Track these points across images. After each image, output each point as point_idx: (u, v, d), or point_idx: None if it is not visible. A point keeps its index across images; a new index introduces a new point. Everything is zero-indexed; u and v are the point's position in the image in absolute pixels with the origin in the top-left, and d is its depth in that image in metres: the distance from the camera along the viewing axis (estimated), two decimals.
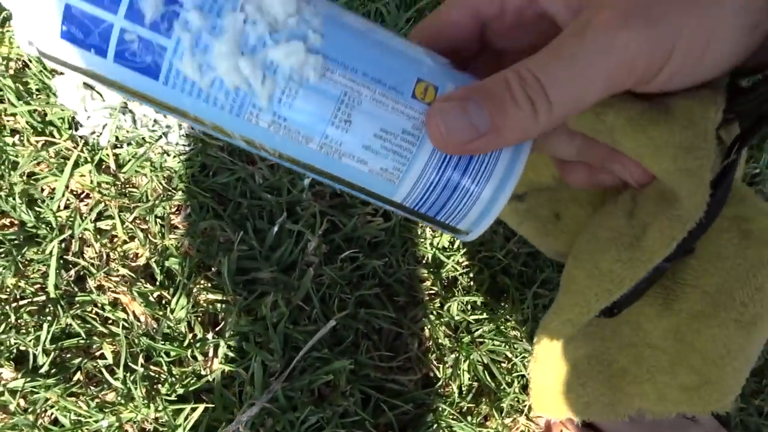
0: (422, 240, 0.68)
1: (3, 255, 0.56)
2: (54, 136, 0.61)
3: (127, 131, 0.62)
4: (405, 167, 0.29)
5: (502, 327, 0.68)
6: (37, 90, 0.61)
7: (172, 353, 0.56)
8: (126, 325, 0.57)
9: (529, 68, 0.22)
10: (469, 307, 0.68)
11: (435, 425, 0.61)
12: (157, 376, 0.55)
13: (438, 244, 0.69)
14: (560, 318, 0.36)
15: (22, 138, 0.60)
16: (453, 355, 0.65)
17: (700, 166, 0.27)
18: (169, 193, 0.61)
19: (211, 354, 0.56)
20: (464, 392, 0.65)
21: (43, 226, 0.57)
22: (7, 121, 0.61)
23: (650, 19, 0.21)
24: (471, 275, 0.69)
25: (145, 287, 0.58)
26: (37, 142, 0.60)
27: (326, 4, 0.27)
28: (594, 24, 0.21)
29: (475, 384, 0.65)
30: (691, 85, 0.25)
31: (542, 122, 0.22)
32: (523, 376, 0.67)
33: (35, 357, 0.54)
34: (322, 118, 0.27)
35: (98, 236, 0.59)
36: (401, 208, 0.29)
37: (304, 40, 0.26)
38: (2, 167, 0.58)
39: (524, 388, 0.67)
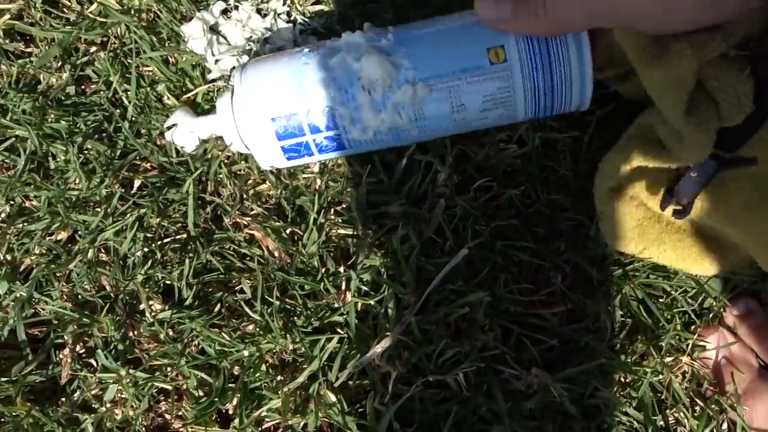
0: (563, 168, 0.62)
1: (147, 196, 0.58)
2: (189, 84, 0.62)
3: None
4: (512, 105, 0.44)
5: None
6: (168, 38, 0.63)
7: (306, 287, 0.56)
8: (261, 260, 0.57)
9: None
10: None
11: (585, 362, 0.56)
12: (292, 309, 0.56)
13: (582, 171, 0.63)
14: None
15: (157, 87, 0.62)
16: (602, 290, 0.60)
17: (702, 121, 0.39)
18: None
19: (344, 287, 0.55)
20: (617, 329, 0.59)
21: (181, 168, 0.59)
22: (146, 70, 0.64)
23: None
24: None
25: (278, 224, 0.58)
26: (174, 90, 0.62)
27: (404, 34, 0.44)
28: None
29: (629, 321, 0.59)
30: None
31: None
32: (685, 312, 0.60)
33: (180, 291, 0.56)
34: (445, 114, 0.45)
35: (233, 179, 0.59)
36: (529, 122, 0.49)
37: (407, 80, 0.43)
38: (143, 116, 0.61)
39: (687, 326, 0.60)
